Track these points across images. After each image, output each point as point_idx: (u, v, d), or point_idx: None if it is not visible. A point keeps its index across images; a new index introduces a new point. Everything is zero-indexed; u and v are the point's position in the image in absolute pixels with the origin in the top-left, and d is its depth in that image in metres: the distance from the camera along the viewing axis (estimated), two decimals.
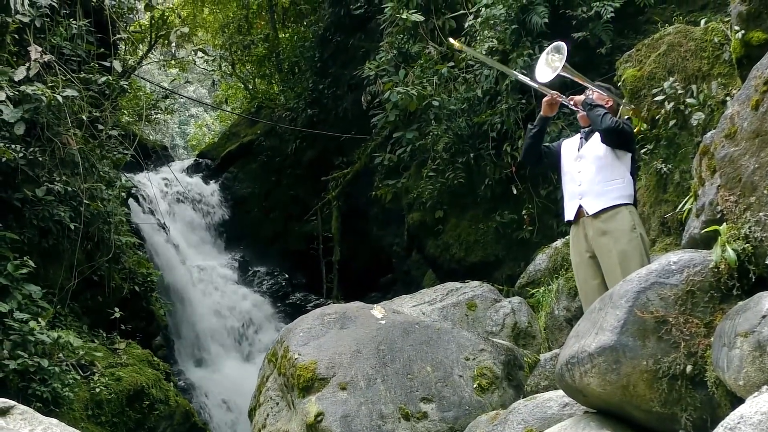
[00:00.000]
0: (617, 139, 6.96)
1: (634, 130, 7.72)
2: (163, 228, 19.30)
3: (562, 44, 7.30)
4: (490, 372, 7.60)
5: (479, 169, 15.67)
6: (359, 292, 20.20)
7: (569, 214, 7.30)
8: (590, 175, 7.12)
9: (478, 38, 15.39)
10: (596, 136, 7.16)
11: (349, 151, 24.61)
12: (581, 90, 7.71)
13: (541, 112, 7.58)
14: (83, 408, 11.40)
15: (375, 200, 20.21)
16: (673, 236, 9.40)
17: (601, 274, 6.98)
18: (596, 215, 7.00)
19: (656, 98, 9.95)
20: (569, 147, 7.59)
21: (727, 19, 9.81)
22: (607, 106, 7.36)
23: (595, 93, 7.43)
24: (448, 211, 16.62)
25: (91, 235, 13.72)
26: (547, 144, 7.81)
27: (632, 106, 8.36)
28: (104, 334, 13.85)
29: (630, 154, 7.13)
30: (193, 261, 23.61)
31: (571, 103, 7.47)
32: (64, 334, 11.47)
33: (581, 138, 7.43)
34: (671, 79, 10.06)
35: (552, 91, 7.49)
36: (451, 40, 8.41)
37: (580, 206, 7.13)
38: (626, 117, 7.89)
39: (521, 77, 8.32)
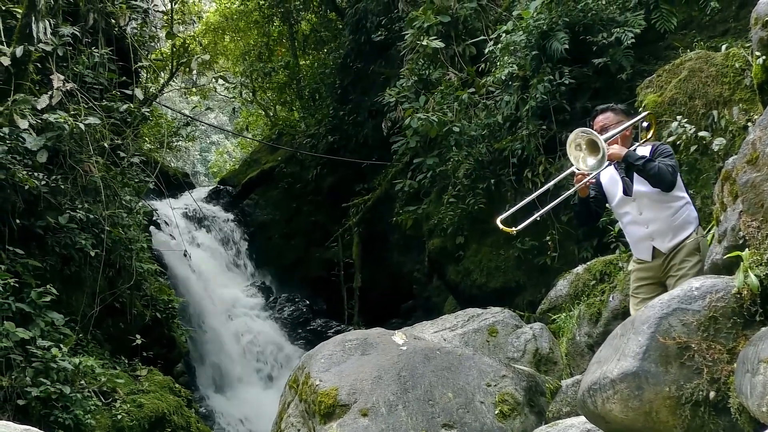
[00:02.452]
0: (675, 182, 6.84)
1: (670, 148, 7.53)
2: (185, 255, 19.34)
3: (578, 129, 7.03)
4: (512, 398, 7.57)
5: (500, 195, 15.65)
6: (380, 318, 20.21)
7: (644, 255, 7.12)
8: (655, 215, 6.96)
9: (498, 64, 15.42)
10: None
11: (370, 178, 24.67)
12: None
13: (580, 195, 7.33)
14: None
15: (396, 226, 20.22)
16: None
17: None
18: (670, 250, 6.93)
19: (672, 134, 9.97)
20: (611, 184, 7.31)
21: (748, 45, 9.81)
22: (628, 134, 7.26)
23: (610, 133, 7.23)
24: (468, 237, 16.59)
25: (112, 262, 13.77)
26: (592, 194, 7.52)
27: (644, 114, 8.18)
28: (126, 361, 13.86)
29: (677, 173, 6.97)
30: (214, 287, 23.62)
31: (611, 161, 7.15)
32: (86, 360, 11.51)
33: (622, 176, 7.15)
34: (678, 118, 10.06)
35: (579, 170, 7.02)
36: (500, 224, 7.90)
37: (654, 247, 7.01)
38: (646, 124, 7.64)
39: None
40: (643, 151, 7.00)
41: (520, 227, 7.91)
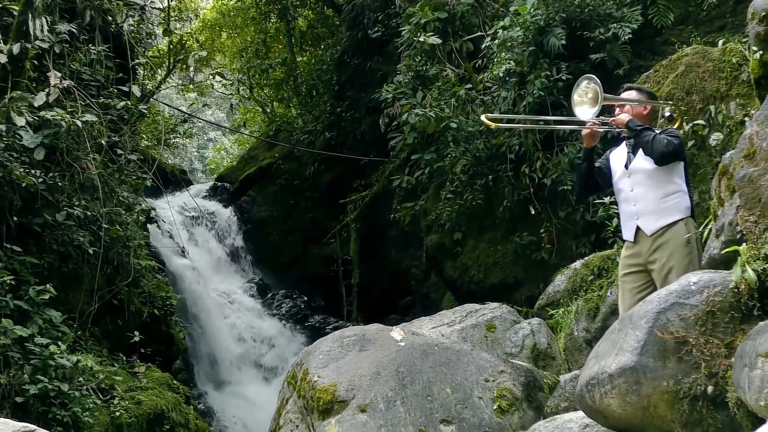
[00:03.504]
0: (670, 159, 6.77)
1: (680, 133, 7.56)
2: (182, 252, 19.35)
3: (591, 75, 7.13)
4: (510, 393, 7.57)
5: (497, 191, 15.66)
6: (378, 315, 20.19)
7: (628, 235, 7.12)
8: (644, 193, 6.95)
9: (495, 60, 15.42)
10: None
11: (368, 174, 24.67)
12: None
13: (584, 145, 7.37)
14: None
15: (393, 223, 20.23)
16: None
17: (647, 290, 6.82)
18: (654, 233, 6.93)
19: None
20: (617, 160, 7.35)
21: (745, 40, 9.82)
22: (645, 113, 7.27)
23: (626, 106, 7.29)
24: (466, 233, 16.59)
25: (110, 260, 13.75)
26: (597, 164, 7.60)
27: (670, 102, 8.23)
28: (124, 358, 13.86)
29: (682, 163, 6.93)
30: (212, 284, 23.64)
31: (614, 126, 7.26)
32: (84, 358, 11.51)
33: (628, 152, 7.19)
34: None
35: (590, 119, 7.13)
36: (483, 118, 8.20)
37: (638, 227, 7.00)
38: (668, 114, 7.69)
39: (557, 119, 8.13)
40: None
41: (501, 125, 8.11)
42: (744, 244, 4.77)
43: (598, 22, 14.02)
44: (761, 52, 6.22)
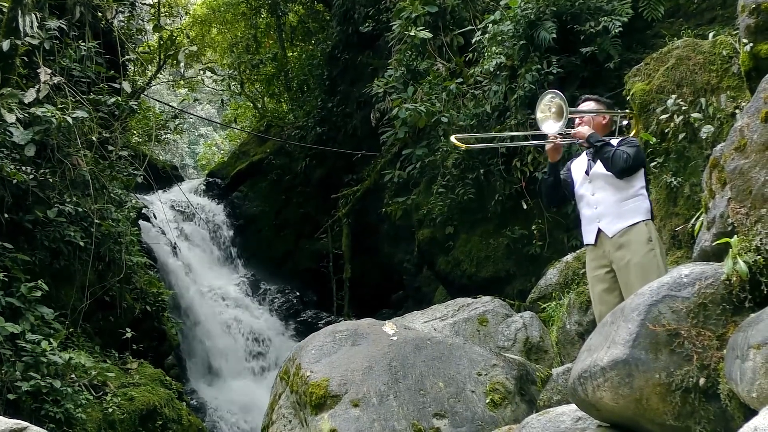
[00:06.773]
0: (631, 172, 6.95)
1: (639, 141, 7.64)
2: (174, 248, 19.33)
3: (555, 90, 7.22)
4: (503, 387, 7.58)
5: (489, 185, 15.65)
6: (370, 309, 20.21)
7: (589, 238, 7.27)
8: (605, 197, 7.11)
9: (486, 54, 15.41)
10: None
11: (359, 169, 24.63)
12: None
13: (549, 160, 7.52)
14: (96, 428, 11.39)
15: (385, 217, 20.20)
16: (684, 249, 9.39)
17: (617, 289, 6.97)
18: (614, 234, 7.01)
19: (661, 116, 9.97)
20: (578, 168, 7.52)
21: (735, 32, 9.82)
22: (604, 123, 7.40)
23: (586, 117, 7.41)
24: (458, 227, 16.59)
25: (102, 256, 13.74)
26: (562, 176, 7.70)
27: (627, 111, 8.32)
28: (116, 354, 13.86)
29: (642, 169, 7.10)
30: (204, 280, 23.62)
31: (575, 138, 7.38)
32: (76, 354, 11.49)
33: (588, 159, 7.36)
34: (673, 96, 10.06)
35: (555, 134, 7.25)
36: (453, 139, 8.43)
37: (599, 229, 7.13)
38: (626, 123, 7.82)
39: (514, 136, 8.28)
40: (613, 142, 7.12)
41: (471, 146, 8.34)
42: (735, 236, 4.77)
43: (589, 16, 14.01)
44: (751, 44, 6.23)
